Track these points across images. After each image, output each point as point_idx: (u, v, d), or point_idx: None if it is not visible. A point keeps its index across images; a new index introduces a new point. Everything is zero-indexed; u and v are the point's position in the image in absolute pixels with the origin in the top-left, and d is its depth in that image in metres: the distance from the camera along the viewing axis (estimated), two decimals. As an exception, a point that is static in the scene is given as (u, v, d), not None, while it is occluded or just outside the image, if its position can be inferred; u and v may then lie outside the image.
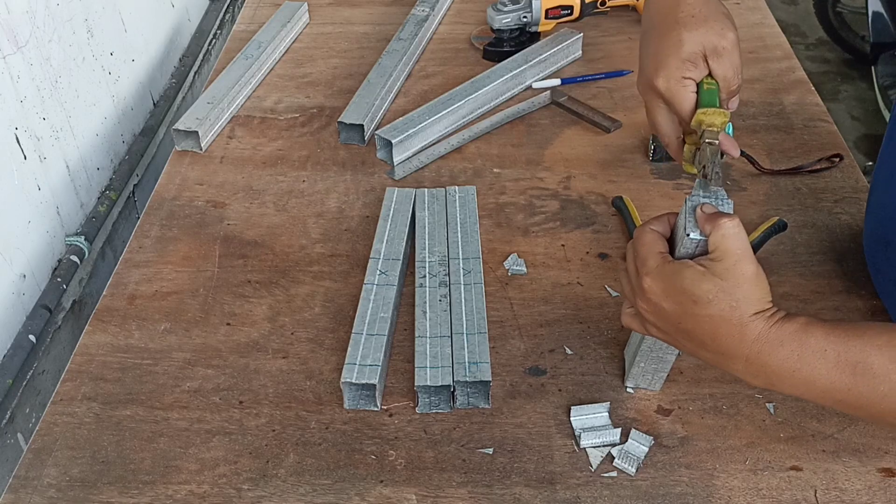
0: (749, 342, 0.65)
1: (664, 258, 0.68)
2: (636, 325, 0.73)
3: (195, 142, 1.14)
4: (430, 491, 0.75)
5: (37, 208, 1.04)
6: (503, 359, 0.86)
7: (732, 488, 0.74)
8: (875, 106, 2.73)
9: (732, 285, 0.64)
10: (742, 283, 0.64)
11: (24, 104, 1.01)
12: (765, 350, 0.64)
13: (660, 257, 0.68)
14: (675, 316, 0.67)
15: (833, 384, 0.64)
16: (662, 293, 0.67)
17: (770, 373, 0.65)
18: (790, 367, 0.64)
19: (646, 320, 0.71)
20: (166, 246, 1.00)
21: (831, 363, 0.63)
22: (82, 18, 1.15)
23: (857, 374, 0.63)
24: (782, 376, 0.65)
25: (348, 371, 0.80)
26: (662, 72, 0.78)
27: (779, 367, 0.64)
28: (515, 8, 1.28)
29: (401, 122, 1.13)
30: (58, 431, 0.80)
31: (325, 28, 1.42)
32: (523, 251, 0.98)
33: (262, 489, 0.75)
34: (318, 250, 0.99)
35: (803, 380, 0.64)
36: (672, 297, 0.66)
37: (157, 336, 0.89)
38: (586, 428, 0.78)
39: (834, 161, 1.08)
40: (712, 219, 0.65)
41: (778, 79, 1.26)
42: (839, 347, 0.63)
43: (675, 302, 0.66)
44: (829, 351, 0.63)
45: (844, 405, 0.65)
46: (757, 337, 0.64)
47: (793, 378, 0.65)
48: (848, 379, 0.63)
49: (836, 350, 0.63)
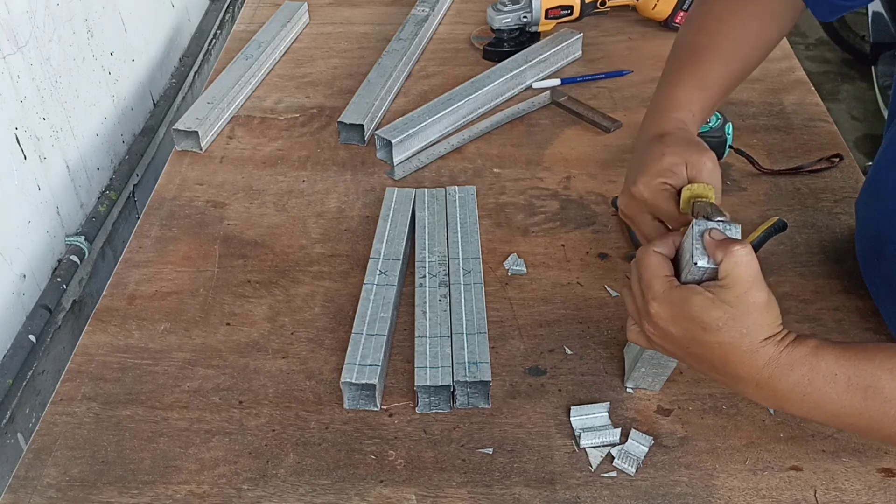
0: (759, 367, 0.64)
1: (671, 283, 0.67)
2: (643, 341, 0.72)
3: (195, 142, 1.14)
4: (430, 491, 0.75)
5: (37, 208, 1.04)
6: (503, 359, 0.86)
7: (732, 488, 0.74)
8: (875, 106, 2.73)
9: (743, 313, 0.64)
10: (752, 311, 0.64)
11: (24, 104, 1.01)
12: (775, 375, 0.64)
13: (666, 282, 0.67)
14: (684, 341, 0.67)
15: (843, 408, 0.64)
16: (670, 319, 0.66)
17: (780, 396, 0.65)
18: (801, 391, 0.64)
19: (652, 341, 0.70)
20: (166, 246, 1.00)
21: (842, 387, 0.63)
22: (82, 18, 1.15)
23: (868, 399, 0.63)
24: (793, 400, 0.65)
25: (348, 371, 0.80)
26: (642, 178, 0.76)
27: (789, 391, 0.64)
28: (515, 8, 1.28)
29: (401, 122, 1.13)
30: (58, 431, 0.80)
31: (325, 28, 1.42)
32: (523, 251, 0.98)
33: (261, 489, 0.75)
34: (317, 250, 0.99)
35: (814, 404, 0.65)
36: (680, 323, 0.66)
37: (156, 336, 0.89)
38: (586, 428, 0.78)
39: (834, 161, 1.08)
40: (723, 245, 0.64)
41: (778, 79, 1.26)
42: (850, 371, 0.63)
43: (683, 328, 0.66)
44: (839, 375, 0.63)
45: (855, 428, 0.66)
46: (767, 362, 0.64)
47: (803, 402, 0.65)
48: (859, 403, 0.63)
49: (846, 374, 0.63)
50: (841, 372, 0.64)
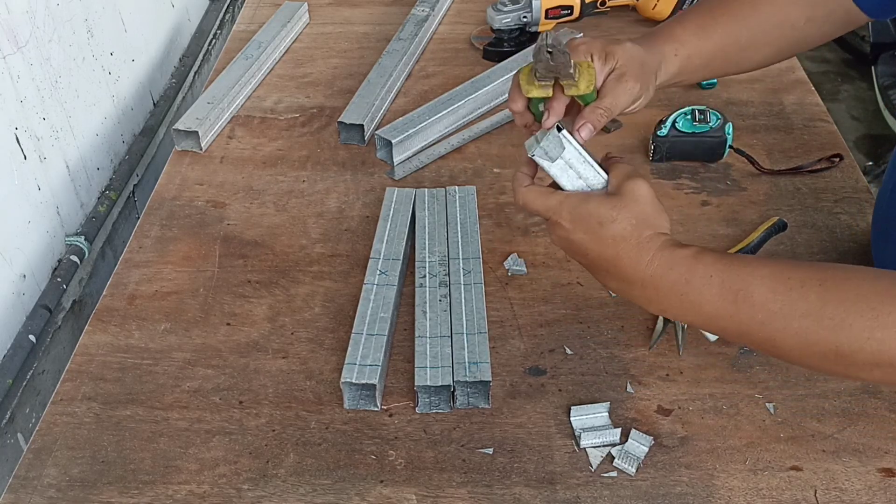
0: (644, 265, 0.69)
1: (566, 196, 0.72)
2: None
3: (195, 142, 1.14)
4: (430, 491, 0.75)
5: (37, 208, 1.04)
6: (503, 359, 0.86)
7: (732, 488, 0.74)
8: (875, 106, 2.73)
9: (630, 202, 0.70)
10: (639, 201, 0.70)
11: (24, 104, 1.01)
12: (657, 273, 0.68)
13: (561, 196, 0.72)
14: (585, 243, 0.71)
15: (717, 310, 0.66)
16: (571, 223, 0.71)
17: (662, 297, 0.69)
18: (679, 290, 0.67)
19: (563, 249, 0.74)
20: (166, 246, 1.00)
21: (716, 290, 0.66)
22: (82, 18, 1.15)
23: (739, 302, 0.65)
24: (672, 300, 0.68)
25: (348, 371, 0.80)
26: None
27: (669, 289, 0.68)
28: (515, 8, 1.28)
29: (401, 122, 1.13)
30: (58, 431, 0.80)
31: (326, 28, 1.42)
32: (523, 251, 0.98)
33: (262, 489, 0.75)
34: (318, 250, 0.99)
35: (691, 304, 0.67)
36: (580, 223, 0.70)
37: (157, 336, 0.89)
38: (586, 428, 0.78)
39: (834, 161, 1.08)
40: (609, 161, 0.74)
41: (778, 79, 1.26)
42: (724, 275, 0.66)
43: (583, 230, 0.70)
44: (714, 277, 0.66)
45: (729, 333, 0.68)
46: (651, 259, 0.68)
47: (682, 302, 0.68)
48: (730, 306, 0.66)
49: (721, 277, 0.66)
50: (716, 274, 0.66)
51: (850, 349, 0.62)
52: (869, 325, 0.61)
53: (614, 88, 0.76)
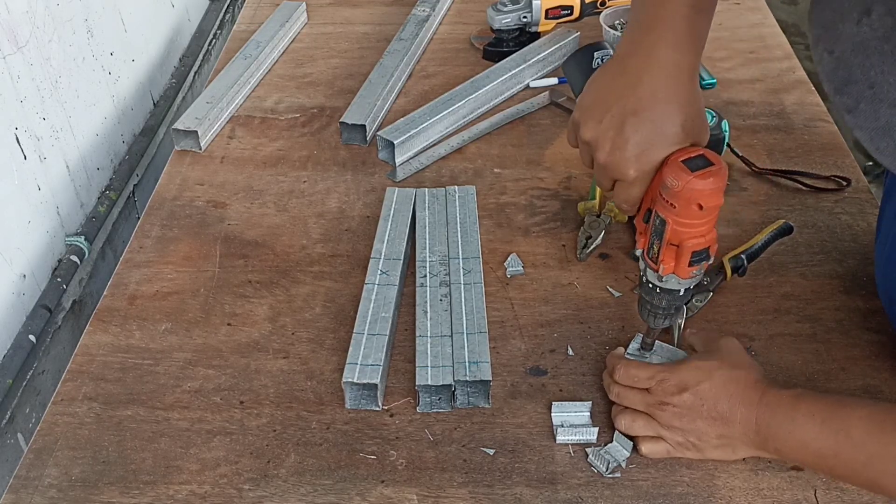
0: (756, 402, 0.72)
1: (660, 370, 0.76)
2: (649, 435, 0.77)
3: (195, 141, 1.14)
4: (431, 491, 0.75)
5: (37, 208, 1.04)
6: (504, 359, 0.86)
7: (733, 488, 0.74)
8: (874, 106, 2.72)
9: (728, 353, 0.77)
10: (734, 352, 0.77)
11: (24, 104, 1.01)
12: (768, 411, 0.71)
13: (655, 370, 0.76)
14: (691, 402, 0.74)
15: (822, 448, 0.68)
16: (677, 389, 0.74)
17: (770, 434, 0.70)
18: (787, 427, 0.70)
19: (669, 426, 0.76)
20: (167, 246, 1.00)
21: (818, 427, 0.68)
22: (82, 18, 1.15)
23: (840, 442, 0.67)
24: (779, 436, 0.70)
25: (349, 371, 0.80)
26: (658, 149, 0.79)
27: (779, 426, 0.70)
28: (515, 8, 1.28)
29: (402, 122, 1.13)
30: (58, 431, 0.80)
31: (326, 28, 1.42)
32: (524, 251, 0.98)
33: (262, 489, 0.75)
34: (318, 250, 0.99)
35: (799, 442, 0.69)
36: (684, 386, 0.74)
37: (157, 336, 0.89)
38: (565, 424, 0.78)
39: (842, 184, 1.05)
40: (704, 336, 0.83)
41: (778, 79, 1.26)
42: (825, 414, 0.69)
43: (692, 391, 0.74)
44: (816, 416, 0.69)
45: (837, 473, 0.70)
46: (762, 397, 0.72)
47: (788, 439, 0.70)
48: (833, 445, 0.67)
49: (822, 416, 0.69)
50: (818, 412, 0.69)
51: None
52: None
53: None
